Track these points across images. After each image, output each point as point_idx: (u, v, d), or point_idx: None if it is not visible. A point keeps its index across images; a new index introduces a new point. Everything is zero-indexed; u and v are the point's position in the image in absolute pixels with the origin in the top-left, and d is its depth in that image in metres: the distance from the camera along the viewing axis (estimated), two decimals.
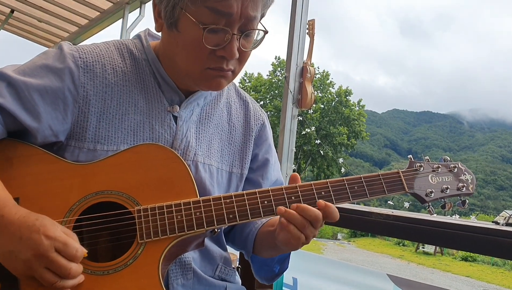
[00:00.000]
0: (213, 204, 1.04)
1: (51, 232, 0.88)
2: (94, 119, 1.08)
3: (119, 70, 1.13)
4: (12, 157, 1.03)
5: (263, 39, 1.13)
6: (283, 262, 1.26)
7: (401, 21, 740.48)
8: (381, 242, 37.11)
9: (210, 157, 1.20)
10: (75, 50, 1.10)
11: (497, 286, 22.47)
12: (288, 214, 1.00)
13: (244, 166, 1.27)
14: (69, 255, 0.89)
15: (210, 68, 1.08)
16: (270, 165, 1.33)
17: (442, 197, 1.14)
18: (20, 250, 0.87)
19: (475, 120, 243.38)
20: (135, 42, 1.21)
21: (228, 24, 1.03)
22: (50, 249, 0.87)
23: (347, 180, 1.09)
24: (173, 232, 1.01)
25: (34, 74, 1.04)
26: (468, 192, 1.15)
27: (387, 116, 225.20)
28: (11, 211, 0.91)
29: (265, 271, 1.28)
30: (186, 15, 1.02)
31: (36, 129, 1.03)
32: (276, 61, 45.57)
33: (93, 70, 1.09)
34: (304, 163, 41.09)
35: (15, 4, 6.09)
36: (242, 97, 1.36)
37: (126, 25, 5.68)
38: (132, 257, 0.99)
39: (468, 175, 1.17)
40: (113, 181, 1.03)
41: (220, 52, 1.05)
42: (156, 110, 1.14)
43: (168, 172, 1.05)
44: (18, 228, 0.88)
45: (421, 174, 1.14)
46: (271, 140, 1.37)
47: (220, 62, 1.07)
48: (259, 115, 1.35)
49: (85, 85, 1.08)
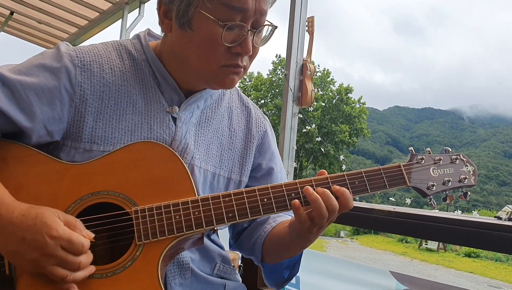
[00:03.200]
0: (212, 203, 1.01)
1: (54, 231, 0.87)
2: (91, 119, 1.06)
3: (117, 70, 1.12)
4: (5, 158, 1.01)
5: (272, 35, 1.13)
6: (292, 267, 1.25)
7: (394, 18, 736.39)
8: (384, 239, 37.10)
9: (207, 161, 1.18)
10: (72, 50, 1.09)
11: (501, 281, 22.45)
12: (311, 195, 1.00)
13: (243, 173, 1.25)
14: (76, 251, 0.88)
15: (225, 66, 1.07)
16: (275, 173, 1.31)
17: (443, 189, 1.12)
18: (26, 250, 0.86)
19: (476, 116, 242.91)
20: (134, 43, 1.19)
21: (244, 20, 1.03)
22: (56, 248, 0.86)
23: (348, 175, 1.07)
24: (171, 233, 0.99)
25: (30, 73, 1.03)
26: (470, 183, 1.13)
27: (389, 113, 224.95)
28: (8, 209, 0.89)
29: (275, 277, 1.27)
30: (202, 13, 1.01)
31: (31, 129, 1.01)
32: (276, 60, 45.55)
33: (90, 70, 1.08)
34: (306, 161, 41.07)
35: (15, 6, 6.09)
36: (245, 103, 1.34)
37: (125, 25, 5.67)
38: (130, 259, 0.97)
39: (470, 166, 1.15)
40: (109, 181, 1.01)
41: (236, 48, 1.04)
42: (155, 110, 1.12)
43: (165, 171, 1.03)
44: (19, 229, 0.87)
45: (422, 167, 1.12)
46: (274, 147, 1.35)
47: (236, 59, 1.06)
48: (261, 122, 1.33)
49: (82, 84, 1.06)
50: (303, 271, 2.82)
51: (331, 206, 1.00)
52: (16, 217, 0.88)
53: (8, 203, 0.90)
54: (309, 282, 2.74)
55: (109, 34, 6.20)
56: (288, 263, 1.24)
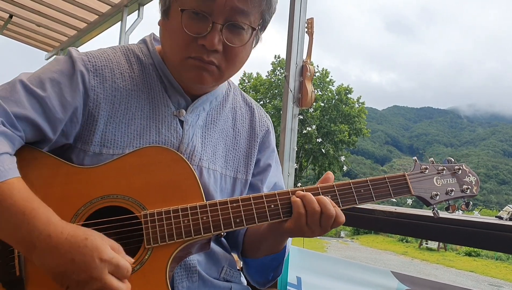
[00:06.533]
0: (220, 208, 1.03)
1: (105, 254, 0.87)
2: (102, 123, 1.07)
3: (127, 75, 1.13)
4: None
5: (252, 37, 1.12)
6: (276, 268, 1.26)
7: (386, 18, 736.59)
8: (385, 239, 37.07)
9: (215, 162, 1.20)
10: (84, 55, 1.11)
11: (502, 280, 22.43)
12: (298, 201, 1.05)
13: (248, 172, 1.27)
14: (121, 276, 0.89)
15: (191, 58, 1.08)
16: (271, 170, 1.33)
17: (446, 199, 1.15)
18: (73, 271, 0.85)
19: (474, 116, 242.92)
20: (141, 47, 1.21)
21: (212, 12, 1.03)
22: (104, 272, 0.86)
23: (354, 183, 1.10)
24: (180, 237, 1.00)
25: (51, 81, 1.04)
26: (472, 194, 1.17)
27: (388, 112, 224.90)
28: (57, 229, 0.88)
29: (260, 276, 1.29)
30: (176, 2, 1.05)
31: (53, 139, 1.04)
32: (276, 60, 45.53)
33: (102, 74, 1.10)
34: (305, 161, 41.03)
35: (14, 9, 6.09)
36: (248, 102, 1.36)
37: (124, 28, 5.67)
38: (139, 262, 0.98)
39: (472, 177, 1.18)
40: (118, 185, 1.02)
41: (201, 40, 1.05)
42: (163, 114, 1.14)
43: (173, 175, 1.04)
44: (68, 250, 0.86)
45: (426, 176, 1.15)
46: (274, 146, 1.37)
47: (201, 52, 1.06)
48: (264, 121, 1.35)
49: (95, 89, 1.08)
50: (305, 272, 2.82)
51: (312, 210, 1.03)
52: (66, 238, 0.87)
53: (55, 223, 0.89)
54: (310, 283, 2.74)
55: (108, 36, 6.21)
56: (273, 265, 1.25)
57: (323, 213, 1.03)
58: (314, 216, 1.03)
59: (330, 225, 1.04)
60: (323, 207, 1.03)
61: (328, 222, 1.04)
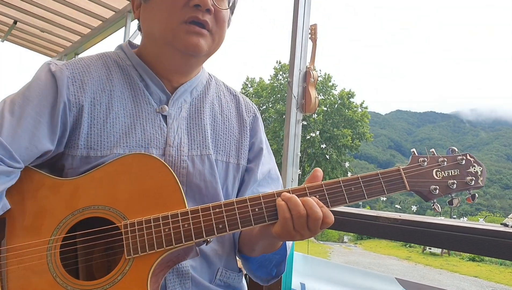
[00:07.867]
0: (202, 215, 0.99)
1: None
2: (86, 126, 1.08)
3: (105, 77, 1.16)
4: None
5: (228, 11, 1.19)
6: (279, 265, 1.24)
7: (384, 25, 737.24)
8: (388, 243, 36.92)
9: (208, 147, 1.20)
10: (61, 64, 1.14)
11: (506, 286, 22.29)
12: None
13: (240, 157, 1.27)
14: None
15: (185, 22, 1.11)
16: (264, 154, 1.33)
17: (448, 192, 1.07)
18: None
19: (477, 120, 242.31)
20: (118, 53, 1.25)
21: None
22: None
23: (343, 181, 1.03)
24: (160, 246, 0.97)
25: (35, 99, 1.06)
26: (478, 185, 1.07)
27: (391, 117, 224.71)
28: None
29: (263, 272, 1.27)
30: None
31: (52, 150, 1.06)
32: (277, 65, 45.64)
33: (81, 79, 1.12)
34: (308, 166, 40.96)
35: (18, 15, 6.14)
36: (232, 92, 1.38)
37: (128, 33, 5.69)
38: (120, 273, 0.95)
39: (478, 166, 1.08)
40: (99, 195, 1.01)
41: (194, 0, 1.09)
42: (146, 112, 1.15)
43: (155, 183, 1.02)
44: None
45: (424, 169, 1.07)
46: (263, 131, 1.39)
47: (195, 11, 1.10)
48: (250, 107, 1.38)
49: (75, 93, 1.09)
50: (309, 278, 2.81)
51: (297, 213, 0.98)
52: None
53: None
54: (314, 289, 2.73)
55: (112, 42, 6.23)
56: (275, 259, 1.22)
57: (309, 216, 0.98)
58: (300, 220, 0.98)
59: (319, 227, 1.00)
60: (308, 210, 0.98)
61: (316, 224, 0.99)
